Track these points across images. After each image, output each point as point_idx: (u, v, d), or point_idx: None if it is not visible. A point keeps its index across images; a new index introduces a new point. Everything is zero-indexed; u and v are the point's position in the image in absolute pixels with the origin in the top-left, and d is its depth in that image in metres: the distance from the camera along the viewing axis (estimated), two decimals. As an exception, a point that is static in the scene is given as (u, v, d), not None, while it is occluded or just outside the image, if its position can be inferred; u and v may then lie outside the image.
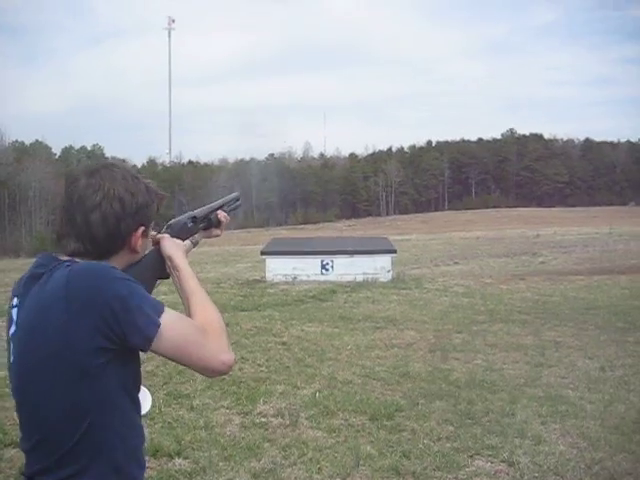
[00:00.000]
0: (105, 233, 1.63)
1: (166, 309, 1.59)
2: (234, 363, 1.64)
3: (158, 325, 1.54)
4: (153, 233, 1.81)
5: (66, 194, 1.67)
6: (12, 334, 1.64)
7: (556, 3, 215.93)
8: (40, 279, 1.60)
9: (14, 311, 1.64)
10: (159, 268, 1.79)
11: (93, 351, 1.51)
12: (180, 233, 1.87)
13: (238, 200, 2.16)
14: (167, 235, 1.84)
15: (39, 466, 1.59)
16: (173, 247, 1.80)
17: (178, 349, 1.57)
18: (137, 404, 1.66)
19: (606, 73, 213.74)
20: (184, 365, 1.63)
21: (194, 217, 1.94)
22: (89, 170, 1.68)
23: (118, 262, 1.68)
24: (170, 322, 1.57)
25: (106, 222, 1.62)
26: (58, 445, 1.55)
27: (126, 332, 1.51)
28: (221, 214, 2.04)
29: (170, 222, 1.88)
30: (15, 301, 1.65)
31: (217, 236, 2.07)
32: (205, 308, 1.68)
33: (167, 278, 1.82)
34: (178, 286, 1.75)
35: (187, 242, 1.90)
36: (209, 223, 2.01)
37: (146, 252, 1.79)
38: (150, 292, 1.77)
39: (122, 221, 1.65)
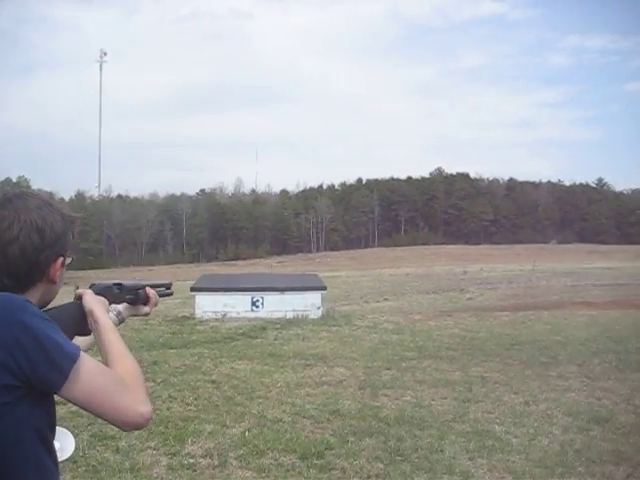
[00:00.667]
0: (24, 266, 1.55)
1: (82, 352, 1.50)
2: (152, 416, 1.55)
3: (74, 360, 1.44)
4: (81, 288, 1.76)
5: None
6: None
7: (482, 48, 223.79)
8: None
9: None
10: (79, 323, 1.71)
11: (4, 389, 1.40)
12: (103, 293, 1.79)
13: (169, 288, 2.10)
14: (90, 291, 1.76)
15: None
16: (95, 302, 1.71)
17: (93, 395, 1.47)
18: (52, 450, 1.55)
19: (528, 116, 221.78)
20: (96, 414, 1.51)
21: (120, 284, 1.88)
22: (0, 201, 1.59)
23: (36, 294, 1.60)
24: (87, 365, 1.47)
25: (25, 255, 1.54)
26: None
27: (36, 367, 1.41)
28: (150, 291, 1.97)
29: (94, 283, 1.82)
30: None
31: (146, 314, 2.00)
32: (123, 359, 1.59)
33: (88, 334, 1.74)
34: (97, 341, 1.67)
35: (110, 313, 1.83)
36: (136, 297, 1.94)
37: (65, 303, 1.73)
38: None
39: (41, 253, 1.57)
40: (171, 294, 2.14)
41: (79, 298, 1.73)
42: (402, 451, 6.02)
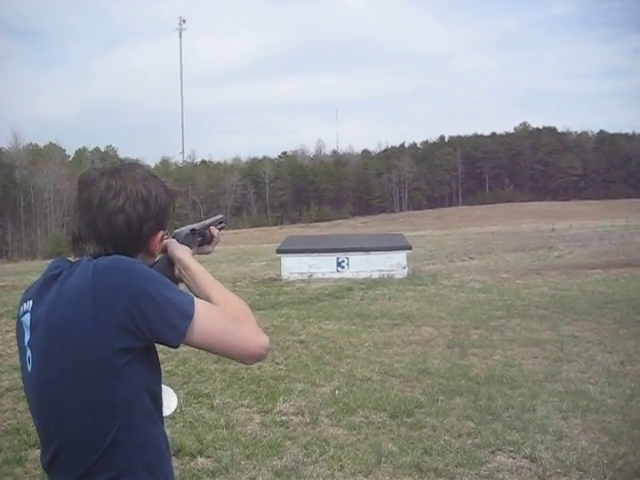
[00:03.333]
0: (128, 236, 1.58)
1: (195, 299, 1.55)
2: (269, 347, 1.60)
3: (190, 317, 1.49)
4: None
5: (84, 197, 1.59)
6: (28, 342, 1.57)
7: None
8: (57, 279, 1.55)
9: (25, 317, 1.58)
10: (169, 274, 1.74)
11: (119, 350, 1.45)
12: (185, 242, 1.85)
13: (222, 222, 2.14)
14: (174, 240, 1.80)
15: (69, 477, 1.52)
16: (181, 250, 1.75)
17: (213, 338, 1.53)
18: (159, 401, 1.60)
19: (620, 64, 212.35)
20: (220, 354, 1.58)
21: (193, 229, 1.93)
22: (108, 171, 1.61)
23: None
24: (202, 312, 1.52)
25: (130, 225, 1.57)
26: (88, 451, 1.49)
27: (154, 328, 1.47)
28: (214, 230, 2.01)
29: (175, 231, 1.86)
30: (26, 306, 1.59)
31: (208, 253, 2.03)
32: (228, 298, 1.63)
33: (177, 284, 1.75)
34: (192, 286, 1.70)
35: None
36: (203, 238, 1.99)
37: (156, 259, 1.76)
38: None
39: (145, 224, 1.60)
40: (224, 227, 2.16)
41: (164, 250, 1.76)
42: (493, 410, 5.96)
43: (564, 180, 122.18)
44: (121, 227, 1.57)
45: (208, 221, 2.05)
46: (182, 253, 1.74)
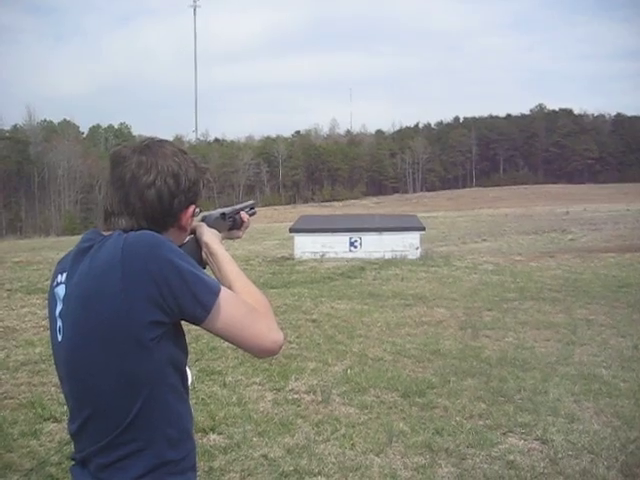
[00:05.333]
0: (160, 210, 1.61)
1: (223, 287, 1.58)
2: (282, 344, 1.63)
3: (217, 294, 1.53)
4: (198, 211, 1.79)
5: (116, 173, 1.62)
6: (59, 312, 1.60)
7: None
8: (89, 252, 1.57)
9: (59, 288, 1.61)
10: (197, 257, 1.76)
11: (149, 324, 1.48)
12: (214, 225, 1.87)
13: (253, 208, 2.15)
14: (203, 224, 1.83)
15: (94, 447, 1.55)
16: (209, 234, 1.78)
17: (233, 325, 1.56)
18: (185, 379, 1.63)
19: (637, 46, 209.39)
20: (235, 343, 1.60)
21: (223, 214, 1.95)
22: (139, 147, 1.64)
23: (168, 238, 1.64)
24: (227, 297, 1.56)
25: (161, 199, 1.61)
26: (113, 422, 1.52)
27: (182, 303, 1.49)
28: (244, 215, 2.03)
29: (204, 214, 1.87)
30: (60, 278, 1.62)
31: (238, 237, 2.05)
32: (250, 290, 1.66)
33: (204, 267, 1.77)
34: (217, 273, 1.73)
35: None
36: (234, 223, 2.01)
37: (185, 241, 1.77)
38: None
39: (176, 198, 1.63)
40: (255, 213, 2.18)
41: (193, 231, 1.78)
42: (505, 392, 5.97)
43: (579, 163, 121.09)
44: (153, 201, 1.60)
45: (239, 206, 2.07)
46: (210, 238, 1.77)
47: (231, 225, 2.00)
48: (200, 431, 4.96)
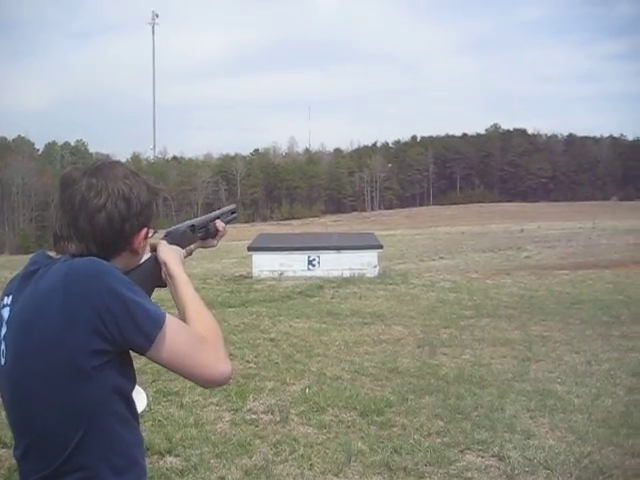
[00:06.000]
0: (110, 234, 1.58)
1: (167, 314, 1.53)
2: (231, 375, 1.58)
3: (160, 326, 1.48)
4: (153, 238, 1.76)
5: (66, 196, 1.59)
6: (3, 335, 1.56)
7: (542, 0, 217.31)
8: (34, 276, 1.54)
9: (4, 311, 1.58)
10: (157, 275, 1.72)
11: (90, 352, 1.44)
12: (179, 241, 1.82)
13: (234, 213, 2.12)
14: (164, 241, 1.78)
15: (37, 475, 1.51)
16: (169, 253, 1.73)
17: (178, 356, 1.51)
18: (133, 406, 1.60)
19: (590, 69, 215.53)
20: (180, 374, 1.55)
21: (192, 225, 1.90)
22: (89, 170, 1.61)
23: (120, 263, 1.62)
24: (172, 326, 1.51)
25: (112, 223, 1.57)
26: (55, 451, 1.49)
27: (125, 332, 1.45)
28: (219, 224, 1.99)
29: (169, 229, 1.83)
30: (7, 300, 1.59)
31: (212, 246, 2.02)
32: (202, 317, 1.61)
33: (164, 286, 1.75)
34: (173, 294, 1.68)
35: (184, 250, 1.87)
36: (206, 233, 1.97)
37: (144, 259, 1.74)
38: None
39: (127, 221, 1.59)
40: (235, 217, 2.16)
41: (153, 249, 1.75)
42: (462, 409, 6.01)
43: (533, 182, 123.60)
44: (103, 225, 1.57)
45: (215, 213, 2.04)
46: (169, 257, 1.72)
47: (204, 235, 1.96)
48: (156, 453, 4.88)
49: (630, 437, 5.23)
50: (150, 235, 1.71)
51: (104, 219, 1.57)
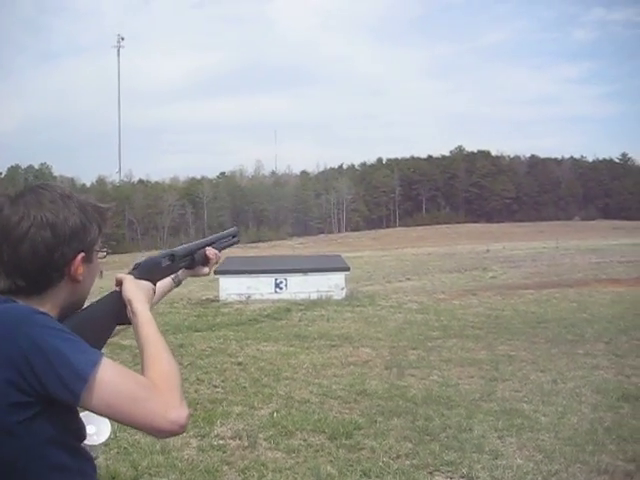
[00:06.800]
0: (37, 266, 1.44)
1: (103, 360, 1.37)
2: (187, 421, 1.40)
3: (86, 379, 1.32)
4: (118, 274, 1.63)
5: None
6: None
7: (502, 25, 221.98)
8: None
9: None
10: (119, 312, 1.58)
11: (10, 407, 1.32)
12: (150, 274, 1.67)
13: (235, 236, 2.02)
14: (130, 276, 1.64)
15: None
16: (134, 289, 1.59)
17: (115, 408, 1.35)
18: (79, 453, 1.47)
19: (550, 92, 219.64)
20: (125, 424, 1.40)
21: (172, 255, 1.75)
22: (13, 196, 1.48)
23: (59, 294, 1.50)
24: (104, 375, 1.35)
25: (37, 254, 1.43)
26: None
27: (48, 386, 1.31)
28: (210, 251, 1.89)
29: (139, 261, 1.69)
30: None
31: (205, 274, 1.91)
32: (159, 358, 1.46)
33: (130, 324, 1.60)
34: (135, 334, 1.54)
35: (165, 281, 1.77)
36: (192, 261, 1.85)
37: (104, 294, 1.62)
38: (107, 338, 1.61)
39: (55, 250, 1.45)
40: (237, 242, 2.06)
41: (119, 284, 1.63)
42: (430, 430, 6.02)
43: (498, 203, 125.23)
44: (28, 256, 1.43)
45: (207, 239, 1.93)
46: (133, 294, 1.59)
47: (189, 264, 1.84)
48: (122, 482, 4.80)
49: (596, 454, 5.28)
50: (101, 257, 1.60)
51: (28, 250, 1.44)
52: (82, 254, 1.50)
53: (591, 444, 5.54)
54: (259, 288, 16.77)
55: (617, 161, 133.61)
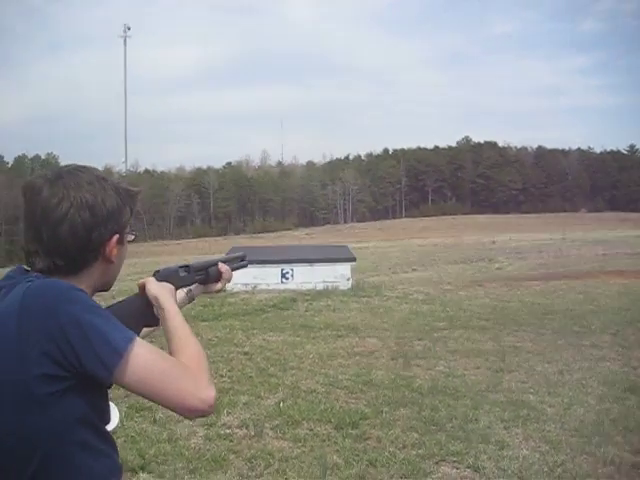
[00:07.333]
0: (76, 246, 1.48)
1: (137, 339, 1.43)
2: (214, 402, 1.46)
3: (121, 354, 1.37)
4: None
5: (28, 206, 1.51)
6: None
7: (511, 15, 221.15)
8: (1, 292, 1.47)
9: None
10: (145, 314, 1.65)
11: (43, 378, 1.36)
12: (168, 279, 1.72)
13: (244, 260, 2.05)
14: (152, 278, 1.70)
15: None
16: (158, 287, 1.65)
17: (148, 384, 1.41)
18: (103, 434, 1.50)
19: (558, 83, 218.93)
20: (156, 402, 1.45)
21: (187, 266, 1.81)
22: (51, 178, 1.51)
23: (93, 274, 1.55)
24: (139, 351, 1.41)
25: (76, 234, 1.48)
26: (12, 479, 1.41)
27: (84, 361, 1.36)
28: (222, 267, 1.92)
29: (158, 268, 1.75)
30: None
31: (218, 291, 1.94)
32: (187, 343, 1.53)
33: (156, 325, 1.68)
34: (163, 326, 1.60)
35: (180, 295, 1.80)
36: (207, 276, 1.88)
37: (128, 296, 1.68)
38: None
39: (93, 231, 1.50)
40: (246, 265, 2.09)
41: (142, 288, 1.68)
42: (437, 421, 6.02)
43: (504, 194, 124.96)
44: (66, 237, 1.48)
45: (218, 257, 1.97)
46: (158, 291, 1.64)
47: (203, 279, 1.88)
48: (129, 470, 4.82)
49: (602, 445, 5.28)
50: (130, 239, 1.65)
51: (67, 231, 1.48)
52: (117, 235, 1.56)
53: (597, 435, 5.54)
54: (265, 278, 16.76)
55: (625, 152, 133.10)
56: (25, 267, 1.54)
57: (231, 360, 8.63)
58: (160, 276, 1.72)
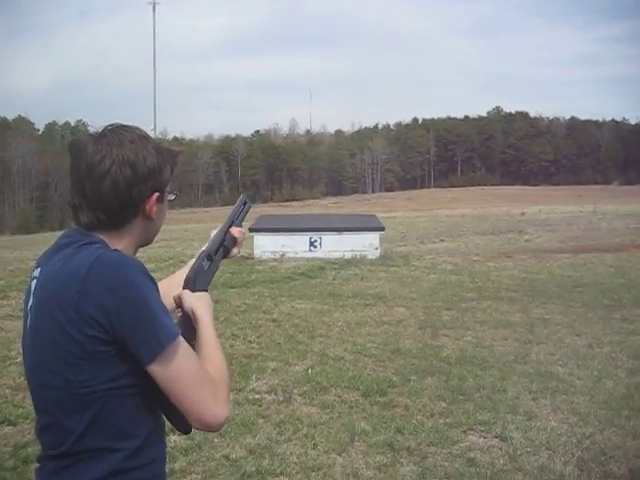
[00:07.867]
0: (117, 201, 1.54)
1: (180, 338, 1.49)
2: (224, 422, 1.53)
3: (163, 346, 1.44)
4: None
5: (73, 164, 1.57)
6: (30, 307, 1.57)
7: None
8: (64, 250, 1.54)
9: (33, 283, 1.59)
10: (190, 329, 1.63)
11: (94, 339, 1.44)
12: (200, 282, 1.71)
13: (246, 203, 1.99)
14: (187, 291, 1.68)
15: (53, 452, 1.52)
16: (194, 300, 1.65)
17: (177, 381, 1.47)
18: (150, 392, 1.53)
19: (591, 52, 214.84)
20: (174, 401, 1.49)
21: (208, 255, 1.79)
22: (95, 136, 1.58)
23: (135, 231, 1.61)
24: (179, 349, 1.48)
25: (117, 189, 1.53)
26: (68, 430, 1.49)
27: (129, 341, 1.44)
28: (234, 231, 1.88)
29: (186, 277, 1.71)
30: (36, 272, 1.60)
31: (236, 255, 1.93)
32: (214, 355, 1.57)
33: (194, 339, 1.65)
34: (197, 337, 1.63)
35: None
36: (225, 249, 1.86)
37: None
38: None
39: (134, 187, 1.55)
40: (250, 206, 2.01)
41: (178, 303, 1.69)
42: (464, 390, 6.04)
43: (535, 165, 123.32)
44: (108, 192, 1.53)
45: (226, 223, 1.89)
46: (193, 304, 1.64)
47: (224, 253, 1.86)
48: (160, 432, 4.90)
49: (631, 419, 5.27)
50: (171, 198, 1.69)
51: (109, 186, 1.53)
52: (157, 193, 1.61)
53: (627, 408, 5.53)
54: (293, 246, 16.80)
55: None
56: (79, 229, 1.59)
57: (259, 327, 8.71)
58: (190, 284, 1.69)
